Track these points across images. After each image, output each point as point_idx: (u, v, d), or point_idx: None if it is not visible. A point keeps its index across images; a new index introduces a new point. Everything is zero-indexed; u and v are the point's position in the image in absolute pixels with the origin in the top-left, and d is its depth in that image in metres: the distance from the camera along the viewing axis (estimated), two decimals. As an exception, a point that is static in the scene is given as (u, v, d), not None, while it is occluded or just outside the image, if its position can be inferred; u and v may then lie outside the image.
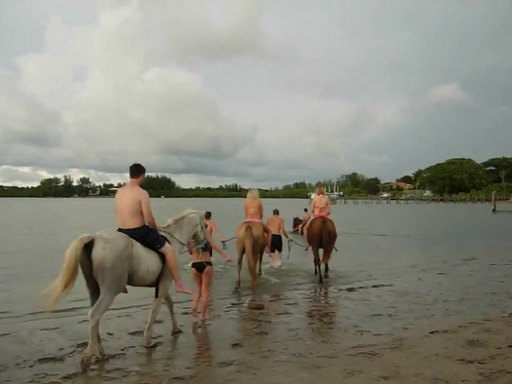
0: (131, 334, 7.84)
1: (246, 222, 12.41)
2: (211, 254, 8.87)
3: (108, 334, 7.81)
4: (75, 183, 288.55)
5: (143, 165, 7.44)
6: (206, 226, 8.77)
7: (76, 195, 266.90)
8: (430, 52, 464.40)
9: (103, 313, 6.55)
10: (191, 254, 8.63)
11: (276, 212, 16.25)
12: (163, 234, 7.50)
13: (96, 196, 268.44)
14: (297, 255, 16.07)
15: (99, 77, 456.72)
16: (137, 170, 7.36)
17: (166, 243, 7.30)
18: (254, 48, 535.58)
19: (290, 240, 16.14)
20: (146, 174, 7.54)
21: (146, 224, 7.16)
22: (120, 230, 7.08)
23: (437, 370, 6.03)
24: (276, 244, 15.30)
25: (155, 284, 7.26)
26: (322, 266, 13.48)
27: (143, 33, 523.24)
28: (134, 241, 6.90)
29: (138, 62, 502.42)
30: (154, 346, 7.17)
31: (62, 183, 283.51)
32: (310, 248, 13.63)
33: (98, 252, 6.37)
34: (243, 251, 12.03)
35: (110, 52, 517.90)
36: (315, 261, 13.29)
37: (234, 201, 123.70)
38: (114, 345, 7.25)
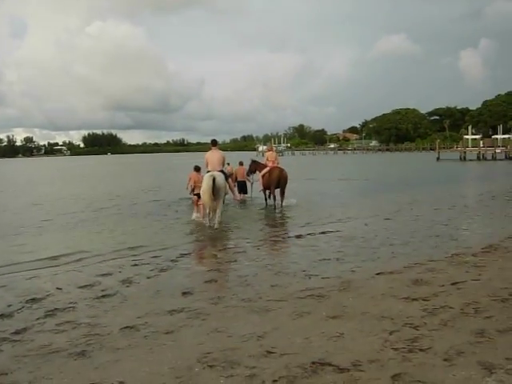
0: (80, 287, 7.78)
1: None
2: None
3: (57, 288, 7.76)
4: (19, 143, 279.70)
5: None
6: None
7: (20, 155, 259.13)
8: (378, 2, 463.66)
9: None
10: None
11: (241, 163, 21.50)
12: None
13: (41, 155, 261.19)
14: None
15: (41, 32, 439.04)
16: (215, 142, 14.35)
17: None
18: (204, 2, 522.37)
19: (251, 183, 21.14)
20: None
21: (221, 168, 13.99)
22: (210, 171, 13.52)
23: (383, 309, 6.21)
24: (242, 188, 20.66)
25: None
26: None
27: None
28: None
29: (80, 16, 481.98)
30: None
31: (5, 143, 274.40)
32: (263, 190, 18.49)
33: (218, 181, 12.94)
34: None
35: (50, 6, 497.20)
36: (273, 198, 17.97)
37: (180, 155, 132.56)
38: (64, 298, 7.18)
